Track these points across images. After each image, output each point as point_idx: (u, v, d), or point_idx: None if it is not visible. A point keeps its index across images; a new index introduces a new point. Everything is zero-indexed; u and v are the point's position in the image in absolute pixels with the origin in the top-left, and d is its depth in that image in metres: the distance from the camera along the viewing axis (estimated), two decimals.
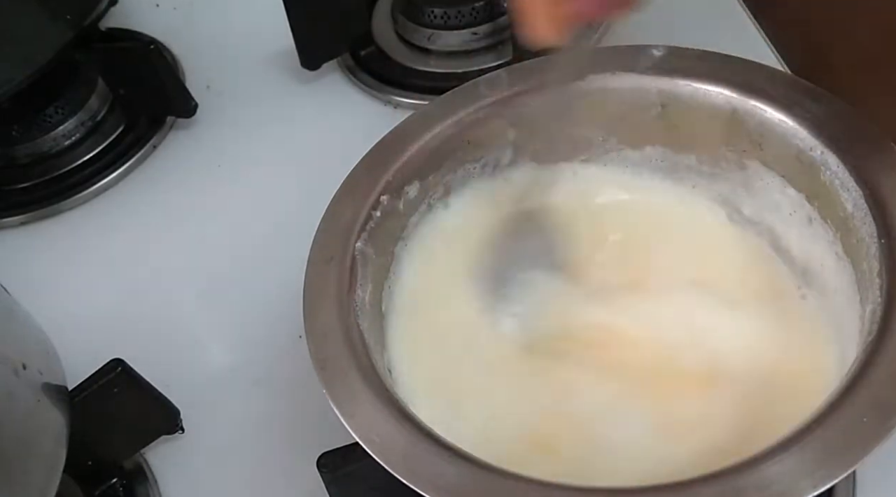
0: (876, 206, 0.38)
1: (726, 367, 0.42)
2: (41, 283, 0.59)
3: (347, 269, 0.42)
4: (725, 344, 0.42)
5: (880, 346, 0.34)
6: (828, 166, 0.41)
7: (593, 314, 0.44)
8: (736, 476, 0.32)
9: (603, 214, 0.48)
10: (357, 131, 0.48)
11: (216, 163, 0.65)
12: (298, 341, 0.41)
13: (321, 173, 0.45)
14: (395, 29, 0.69)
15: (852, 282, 0.40)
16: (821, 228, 0.43)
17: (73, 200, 0.64)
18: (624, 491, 0.33)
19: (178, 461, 0.50)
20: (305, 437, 0.47)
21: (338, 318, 0.40)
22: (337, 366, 0.38)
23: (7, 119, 0.66)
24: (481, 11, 0.65)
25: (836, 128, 0.41)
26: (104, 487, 0.49)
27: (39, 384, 0.43)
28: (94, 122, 0.68)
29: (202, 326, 0.57)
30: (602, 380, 0.42)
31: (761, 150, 0.44)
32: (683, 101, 0.45)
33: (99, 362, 0.46)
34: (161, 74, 0.65)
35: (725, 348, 0.42)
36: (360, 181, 0.45)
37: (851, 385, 0.34)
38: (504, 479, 0.34)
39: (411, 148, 0.46)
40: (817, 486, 0.31)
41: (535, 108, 0.47)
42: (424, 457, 0.34)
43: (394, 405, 0.37)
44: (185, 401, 0.51)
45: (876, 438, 0.32)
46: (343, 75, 0.68)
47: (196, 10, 0.77)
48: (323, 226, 0.43)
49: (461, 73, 0.64)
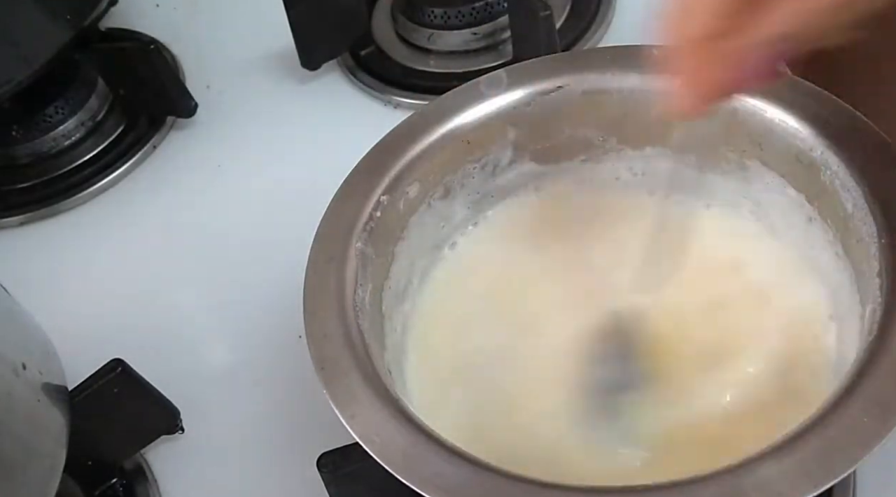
0: (876, 206, 0.38)
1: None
2: (41, 283, 0.59)
3: (347, 269, 0.42)
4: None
5: (880, 346, 0.34)
6: (828, 166, 0.41)
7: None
8: (736, 476, 0.32)
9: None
10: (357, 131, 0.48)
11: (216, 163, 0.65)
12: (298, 341, 0.41)
13: (321, 173, 0.45)
14: (395, 29, 0.69)
15: (852, 281, 0.40)
16: (821, 228, 0.43)
17: (73, 200, 0.64)
18: (624, 491, 0.33)
19: (178, 461, 0.50)
20: (305, 437, 0.47)
21: (338, 319, 0.40)
22: (337, 366, 0.38)
23: (7, 119, 0.66)
24: (481, 11, 0.65)
25: (836, 128, 0.41)
26: (104, 487, 0.49)
27: (39, 384, 0.43)
28: (94, 122, 0.68)
29: (202, 326, 0.57)
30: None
31: (761, 150, 0.44)
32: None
33: (99, 362, 0.46)
34: (161, 74, 0.65)
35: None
36: (360, 181, 0.45)
37: (851, 385, 0.34)
38: (504, 479, 0.33)
39: (411, 148, 0.46)
40: (817, 486, 0.31)
41: (535, 108, 0.47)
42: (424, 457, 0.34)
43: (394, 405, 0.37)
44: (185, 401, 0.51)
45: (876, 438, 0.32)
46: (343, 75, 0.68)
47: (196, 10, 0.77)
48: (323, 226, 0.43)
49: (461, 73, 0.64)
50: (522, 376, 0.44)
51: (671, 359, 0.42)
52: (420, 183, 0.46)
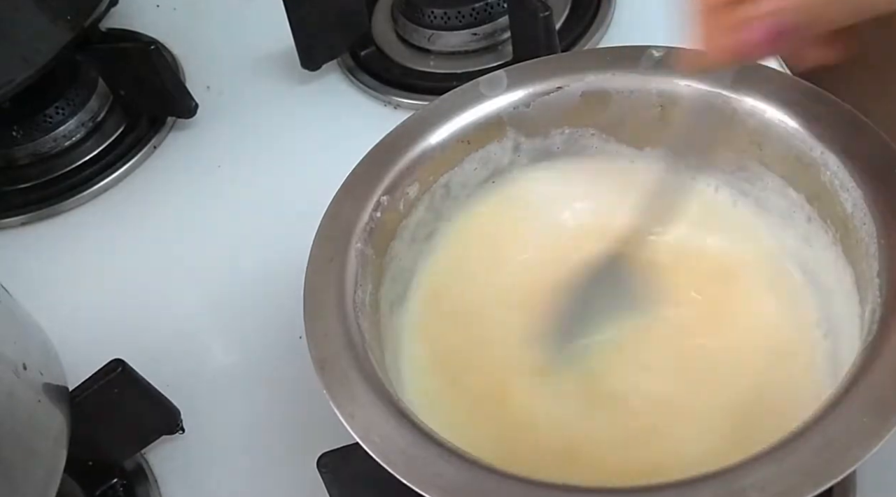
0: (876, 206, 0.38)
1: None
2: (41, 283, 0.59)
3: (347, 270, 0.42)
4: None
5: (880, 346, 0.34)
6: (828, 166, 0.41)
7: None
8: (736, 476, 0.32)
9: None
10: (357, 131, 0.49)
11: (216, 163, 0.65)
12: (298, 341, 0.41)
13: (321, 173, 0.45)
14: (395, 29, 0.69)
15: (852, 282, 0.40)
16: (821, 229, 0.43)
17: (73, 201, 0.64)
18: (624, 491, 0.33)
19: (178, 461, 0.50)
20: (305, 437, 0.47)
21: (338, 319, 0.40)
22: (337, 366, 0.38)
23: (7, 119, 0.66)
24: (481, 12, 0.65)
25: (836, 128, 0.41)
26: (104, 487, 0.49)
27: (40, 384, 0.43)
28: (94, 122, 0.68)
29: (202, 327, 0.57)
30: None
31: (761, 151, 0.44)
32: (683, 101, 0.45)
33: (99, 362, 0.46)
34: (161, 75, 0.65)
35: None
36: (360, 181, 0.45)
37: (851, 385, 0.34)
38: (504, 479, 0.33)
39: (411, 148, 0.46)
40: (817, 486, 0.31)
41: (534, 109, 0.47)
42: (424, 457, 0.34)
43: (394, 405, 0.37)
44: (185, 401, 0.51)
45: (876, 438, 0.32)
46: (343, 75, 0.68)
47: (196, 10, 0.77)
48: (323, 226, 0.43)
49: (461, 73, 0.64)
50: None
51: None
52: (420, 183, 0.46)
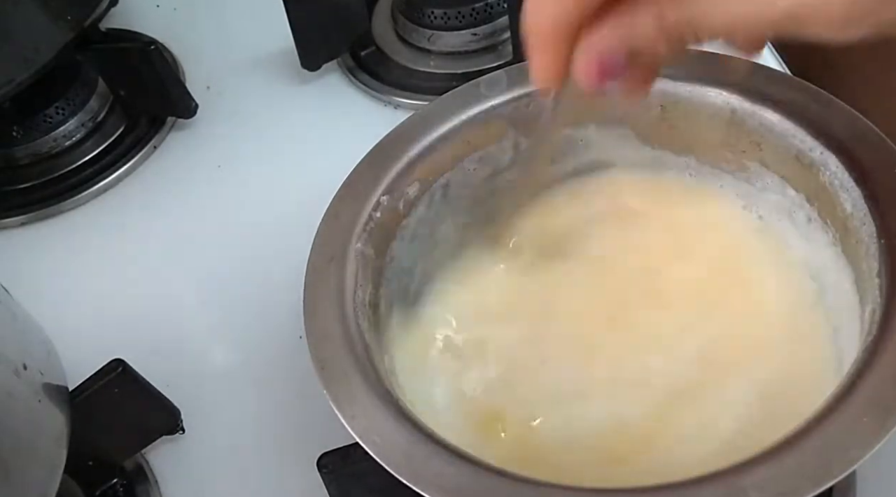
0: (875, 206, 0.38)
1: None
2: (41, 283, 0.59)
3: (347, 270, 0.42)
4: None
5: (880, 346, 0.34)
6: (827, 166, 0.41)
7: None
8: (736, 476, 0.32)
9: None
10: (357, 131, 0.49)
11: (216, 163, 0.65)
12: (298, 341, 0.41)
13: (321, 173, 0.45)
14: (395, 29, 0.69)
15: (852, 282, 0.40)
16: (820, 228, 0.43)
17: (73, 201, 0.64)
18: (624, 491, 0.33)
19: (178, 461, 0.50)
20: (305, 437, 0.47)
21: (338, 319, 0.40)
22: (337, 366, 0.38)
23: (7, 119, 0.66)
24: (481, 12, 0.65)
25: (836, 128, 0.41)
26: (104, 487, 0.49)
27: (40, 384, 0.43)
28: (94, 122, 0.68)
29: (202, 326, 0.57)
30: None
31: (761, 151, 0.44)
32: (683, 101, 0.45)
33: (99, 362, 0.46)
34: (161, 75, 0.65)
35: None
36: (360, 181, 0.45)
37: (851, 385, 0.34)
38: (504, 479, 0.34)
39: (411, 148, 0.46)
40: (817, 486, 0.31)
41: (535, 109, 0.47)
42: (424, 457, 0.34)
43: (394, 405, 0.37)
44: (185, 401, 0.51)
45: (876, 438, 0.32)
46: (343, 75, 0.68)
47: (196, 10, 0.77)
48: (323, 226, 0.43)
49: (461, 73, 0.64)
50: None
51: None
52: (420, 183, 0.46)
